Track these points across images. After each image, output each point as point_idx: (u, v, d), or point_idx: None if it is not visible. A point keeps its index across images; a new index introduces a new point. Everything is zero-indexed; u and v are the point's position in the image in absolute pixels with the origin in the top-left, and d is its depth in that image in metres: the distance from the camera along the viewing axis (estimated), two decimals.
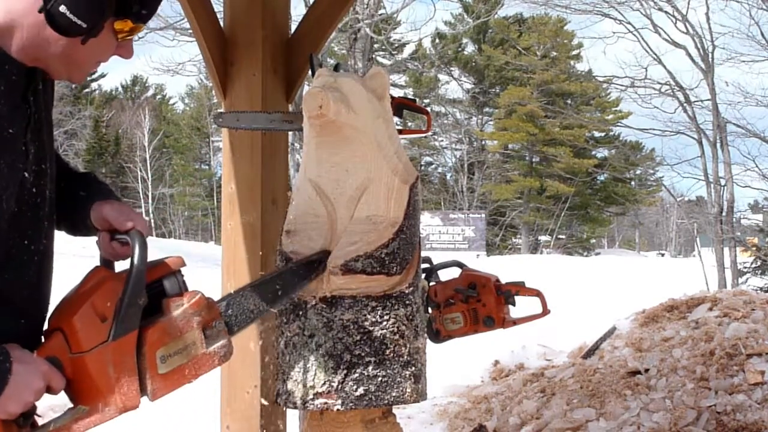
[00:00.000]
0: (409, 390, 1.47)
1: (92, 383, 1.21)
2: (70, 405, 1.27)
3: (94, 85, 50.75)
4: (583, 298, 13.42)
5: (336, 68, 2.11)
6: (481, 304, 2.35)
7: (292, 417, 3.59)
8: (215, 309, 1.30)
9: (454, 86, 39.28)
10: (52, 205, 1.43)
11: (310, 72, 2.95)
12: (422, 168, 39.14)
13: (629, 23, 18.07)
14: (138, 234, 1.29)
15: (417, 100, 2.71)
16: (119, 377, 1.22)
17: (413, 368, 1.48)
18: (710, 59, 17.26)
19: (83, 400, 1.23)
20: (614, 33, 18.62)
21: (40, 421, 1.30)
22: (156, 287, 1.27)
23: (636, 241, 51.97)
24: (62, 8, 1.26)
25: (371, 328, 1.44)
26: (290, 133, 4.40)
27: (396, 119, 2.00)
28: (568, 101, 35.38)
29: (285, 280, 1.37)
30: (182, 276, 1.30)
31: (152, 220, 39.13)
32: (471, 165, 36.81)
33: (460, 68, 38.05)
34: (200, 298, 1.27)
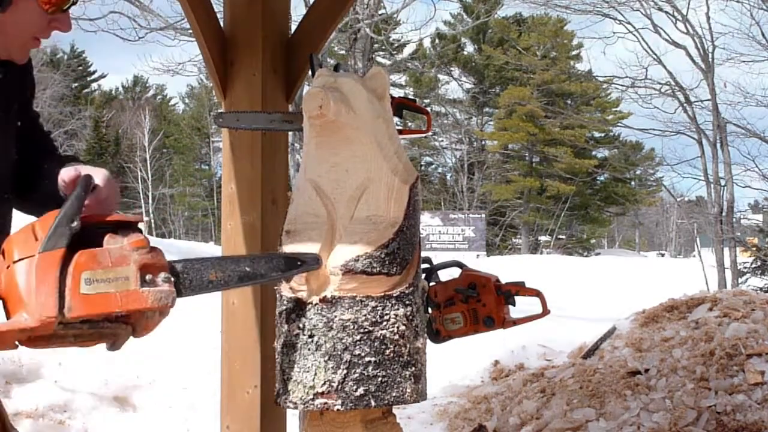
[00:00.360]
0: (409, 390, 1.47)
1: (17, 292, 1.27)
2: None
3: (94, 85, 50.76)
4: (583, 298, 13.43)
5: (336, 68, 2.10)
6: (481, 304, 2.35)
7: (292, 417, 3.59)
8: (161, 260, 1.33)
9: (454, 86, 39.29)
10: (5, 184, 1.54)
11: (310, 72, 2.95)
12: (422, 168, 39.15)
13: (629, 23, 18.07)
14: (85, 177, 1.36)
15: (417, 100, 2.71)
16: (38, 286, 1.27)
17: (413, 368, 1.48)
18: (710, 59, 17.26)
19: (10, 310, 1.28)
20: (614, 33, 18.60)
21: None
22: (107, 229, 1.33)
23: (636, 242, 51.97)
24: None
25: (371, 328, 1.44)
26: (290, 133, 4.40)
27: (396, 119, 2.00)
28: (569, 101, 35.39)
29: (255, 266, 1.37)
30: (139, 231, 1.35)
31: (152, 220, 39.12)
32: (471, 165, 36.82)
33: (460, 68, 38.05)
34: (141, 240, 1.31)
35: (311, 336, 1.45)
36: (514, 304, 2.38)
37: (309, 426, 1.55)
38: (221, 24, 3.15)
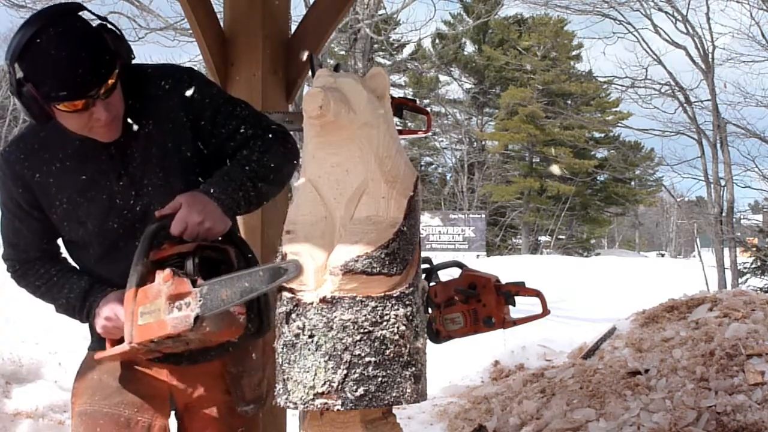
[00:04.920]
0: (409, 390, 1.47)
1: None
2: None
3: None
4: (583, 298, 13.43)
5: (336, 68, 2.11)
6: (481, 304, 2.35)
7: (292, 417, 3.59)
8: (184, 289, 1.56)
9: (455, 87, 39.26)
10: (146, 216, 1.83)
11: (310, 72, 2.95)
12: (422, 168, 39.11)
13: (629, 23, 18.08)
14: (157, 222, 1.70)
15: (417, 100, 2.72)
16: (125, 319, 1.66)
17: (413, 368, 1.48)
18: (710, 59, 17.27)
19: None
20: (614, 33, 18.61)
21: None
22: (176, 261, 1.65)
23: (636, 242, 51.96)
24: (24, 116, 1.88)
25: (371, 329, 1.44)
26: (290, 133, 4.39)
27: (396, 119, 2.00)
28: (569, 102, 35.37)
29: (252, 281, 1.51)
30: (196, 259, 1.64)
31: None
32: (471, 165, 36.80)
33: (460, 69, 38.03)
34: (167, 274, 1.58)
35: (311, 336, 1.45)
36: (514, 304, 2.38)
37: (309, 426, 1.55)
38: (221, 24, 3.15)
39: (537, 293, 2.36)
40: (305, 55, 3.04)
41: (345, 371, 1.42)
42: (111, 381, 1.93)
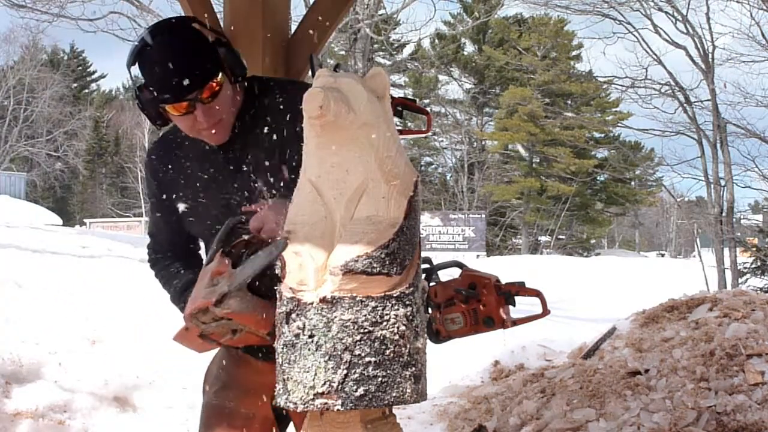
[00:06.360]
0: (409, 390, 1.47)
1: None
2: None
3: (93, 85, 50.72)
4: (583, 298, 13.44)
5: (336, 68, 2.11)
6: (481, 304, 2.34)
7: None
8: (224, 267, 1.71)
9: (454, 87, 39.29)
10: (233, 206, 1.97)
11: (310, 72, 2.95)
12: (422, 168, 39.15)
13: (629, 23, 18.09)
14: (244, 212, 1.82)
15: (417, 100, 2.71)
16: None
17: (413, 368, 1.48)
18: (710, 59, 17.29)
19: None
20: (614, 33, 18.62)
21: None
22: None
23: (636, 242, 51.99)
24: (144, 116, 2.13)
25: (371, 329, 1.44)
26: None
27: (396, 119, 2.00)
28: (569, 102, 35.39)
29: (257, 260, 1.66)
30: (249, 249, 1.74)
31: None
32: (471, 165, 36.82)
33: (460, 69, 38.05)
34: (218, 255, 1.75)
35: (311, 336, 1.45)
36: (514, 305, 2.37)
37: (309, 426, 1.56)
38: (221, 24, 3.15)
39: (537, 293, 2.35)
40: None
41: (345, 371, 1.42)
42: (221, 374, 2.12)
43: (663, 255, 42.12)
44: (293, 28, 3.34)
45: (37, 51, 40.21)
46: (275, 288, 1.54)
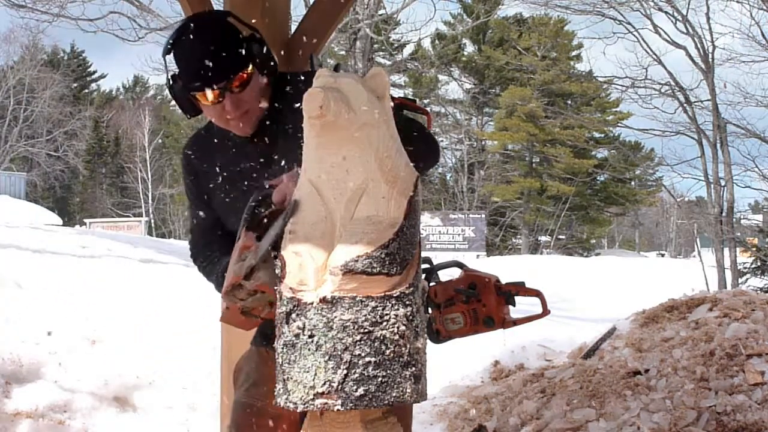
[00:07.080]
0: (409, 390, 1.47)
1: None
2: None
3: (93, 85, 50.70)
4: (583, 298, 13.44)
5: (336, 68, 2.11)
6: (482, 304, 2.34)
7: None
8: (250, 242, 1.73)
9: (454, 87, 39.29)
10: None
11: None
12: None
13: (629, 23, 18.09)
14: (269, 186, 1.78)
15: (417, 100, 2.71)
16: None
17: (413, 368, 1.48)
18: (710, 59, 17.28)
19: None
20: (614, 33, 18.61)
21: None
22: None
23: (636, 242, 51.98)
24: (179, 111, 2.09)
25: (371, 329, 1.44)
26: None
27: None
28: (569, 102, 35.37)
29: (276, 227, 1.65)
30: (275, 222, 1.70)
31: (152, 221, 39.11)
32: (471, 165, 36.81)
33: (459, 68, 38.05)
34: (244, 230, 1.75)
35: (311, 336, 1.45)
36: (514, 305, 2.37)
37: (309, 426, 1.56)
38: None
39: (537, 293, 2.35)
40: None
41: (345, 371, 1.42)
42: (252, 372, 2.14)
43: (663, 255, 42.11)
44: (293, 28, 3.34)
45: (37, 51, 40.23)
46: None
